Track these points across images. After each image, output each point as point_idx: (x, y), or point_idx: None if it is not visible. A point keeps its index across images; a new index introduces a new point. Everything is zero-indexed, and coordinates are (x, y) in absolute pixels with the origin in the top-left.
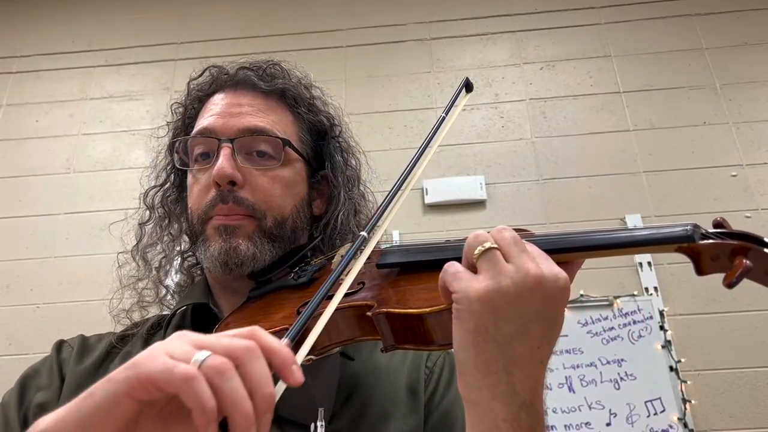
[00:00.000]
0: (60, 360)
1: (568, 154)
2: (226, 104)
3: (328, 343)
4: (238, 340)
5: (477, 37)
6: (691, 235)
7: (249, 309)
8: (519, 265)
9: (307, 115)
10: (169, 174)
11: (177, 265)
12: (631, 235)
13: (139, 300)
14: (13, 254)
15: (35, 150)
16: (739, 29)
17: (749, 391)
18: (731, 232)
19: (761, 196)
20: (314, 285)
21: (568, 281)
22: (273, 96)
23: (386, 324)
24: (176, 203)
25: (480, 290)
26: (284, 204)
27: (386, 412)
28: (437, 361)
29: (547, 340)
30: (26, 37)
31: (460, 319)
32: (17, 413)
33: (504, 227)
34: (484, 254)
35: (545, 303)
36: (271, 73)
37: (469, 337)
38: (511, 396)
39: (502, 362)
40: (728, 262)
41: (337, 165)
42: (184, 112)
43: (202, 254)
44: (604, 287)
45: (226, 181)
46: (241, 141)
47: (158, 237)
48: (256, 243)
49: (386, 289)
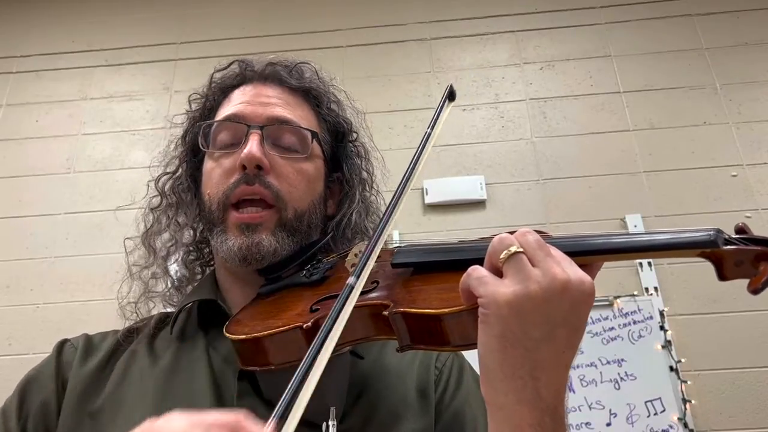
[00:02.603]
0: (60, 363)
1: (568, 154)
2: (255, 94)
3: (341, 341)
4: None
5: (477, 37)
6: (715, 240)
7: (260, 306)
8: (546, 270)
9: (329, 116)
10: (181, 163)
11: (180, 258)
12: (653, 239)
13: (146, 291)
14: (13, 254)
15: (35, 150)
16: (739, 29)
17: (749, 391)
18: (755, 237)
19: (761, 196)
20: (326, 283)
21: (593, 286)
22: (299, 93)
23: (402, 324)
24: (187, 192)
25: (508, 295)
26: (304, 197)
27: (397, 412)
28: (446, 362)
29: (572, 345)
30: (26, 37)
31: (488, 323)
32: (17, 422)
33: (527, 230)
34: (511, 258)
35: (572, 308)
36: (300, 70)
37: (497, 342)
38: (536, 400)
39: (528, 367)
40: (752, 268)
41: (354, 168)
42: (205, 102)
43: (219, 245)
44: (604, 287)
45: (254, 164)
46: (270, 129)
47: (166, 224)
48: (278, 237)
49: (401, 289)
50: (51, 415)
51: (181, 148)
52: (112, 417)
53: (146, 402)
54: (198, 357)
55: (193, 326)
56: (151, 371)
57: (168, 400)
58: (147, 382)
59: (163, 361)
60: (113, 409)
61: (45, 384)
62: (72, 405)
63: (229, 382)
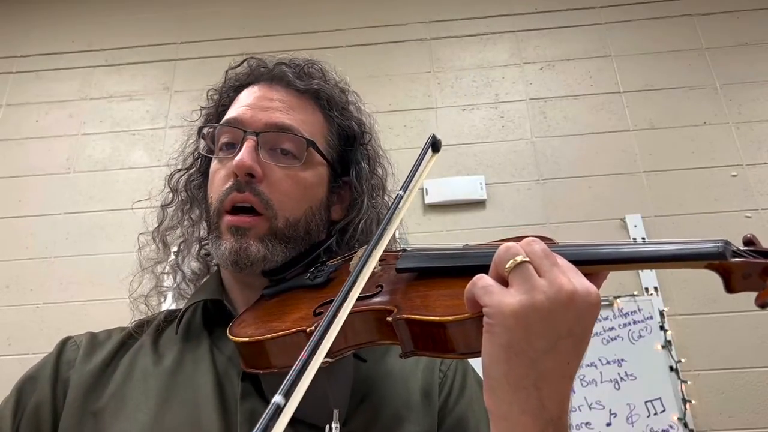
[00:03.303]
0: (60, 362)
1: (568, 154)
2: (258, 97)
3: (344, 345)
4: None
5: (477, 37)
6: (723, 253)
7: (264, 307)
8: (552, 280)
9: (338, 119)
10: (195, 159)
11: (194, 252)
12: (659, 250)
13: (157, 285)
14: (13, 254)
15: (35, 150)
16: (739, 29)
17: (749, 391)
18: (763, 250)
19: (761, 196)
20: (330, 285)
21: (599, 296)
22: (306, 95)
23: (406, 330)
24: (199, 189)
25: (514, 305)
26: (299, 205)
27: (400, 416)
28: (451, 366)
29: (576, 355)
30: (26, 37)
31: (493, 333)
32: (11, 424)
33: (533, 239)
34: (517, 268)
35: (577, 318)
36: (309, 72)
37: (502, 353)
38: (540, 411)
39: (533, 377)
40: (760, 281)
41: (363, 172)
42: (219, 99)
43: (214, 250)
44: (604, 287)
45: (245, 172)
46: (266, 136)
47: (179, 221)
48: (267, 245)
49: (405, 294)
50: (44, 417)
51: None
52: (115, 416)
53: (149, 401)
54: (202, 357)
55: (197, 326)
56: (155, 370)
57: (171, 399)
58: (150, 381)
59: (167, 361)
60: (116, 408)
61: (41, 385)
62: (75, 403)
63: (232, 383)
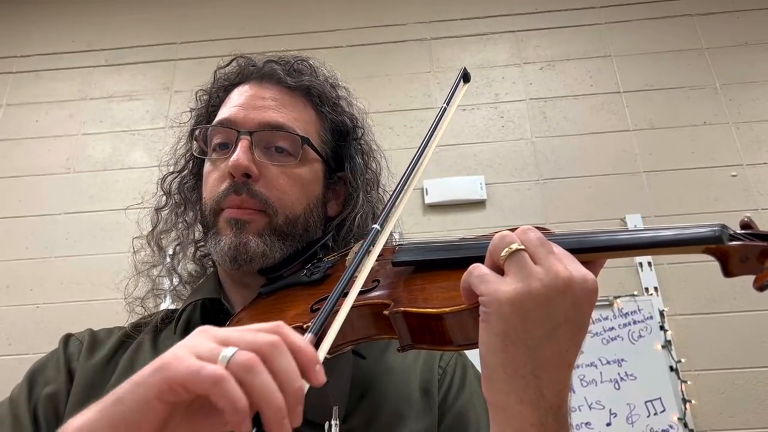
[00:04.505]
0: (67, 354)
1: (568, 154)
2: (250, 96)
3: (342, 341)
4: (264, 335)
5: (477, 37)
6: (720, 236)
7: (261, 305)
8: (548, 267)
9: (331, 115)
10: (188, 161)
11: (190, 254)
12: (657, 235)
13: (153, 287)
14: (13, 254)
15: (35, 150)
16: (739, 29)
17: (749, 391)
18: (760, 233)
19: (761, 196)
20: (327, 282)
21: (596, 283)
22: (298, 92)
23: (403, 323)
24: (193, 191)
25: (510, 293)
26: (297, 202)
27: (400, 412)
28: (450, 362)
29: (575, 343)
30: (26, 37)
31: (489, 322)
32: (27, 408)
33: (529, 227)
34: (512, 256)
35: (574, 306)
36: (299, 69)
37: (499, 341)
38: (539, 400)
39: (531, 366)
40: (758, 264)
41: (357, 167)
42: (209, 100)
43: (213, 247)
44: (604, 287)
45: (241, 172)
46: (260, 135)
47: (173, 224)
48: (266, 241)
49: (402, 288)
50: (61, 401)
51: (189, 145)
52: None
53: None
54: None
55: (196, 324)
56: None
57: None
58: None
59: None
60: None
61: (54, 372)
62: (77, 398)
63: None
